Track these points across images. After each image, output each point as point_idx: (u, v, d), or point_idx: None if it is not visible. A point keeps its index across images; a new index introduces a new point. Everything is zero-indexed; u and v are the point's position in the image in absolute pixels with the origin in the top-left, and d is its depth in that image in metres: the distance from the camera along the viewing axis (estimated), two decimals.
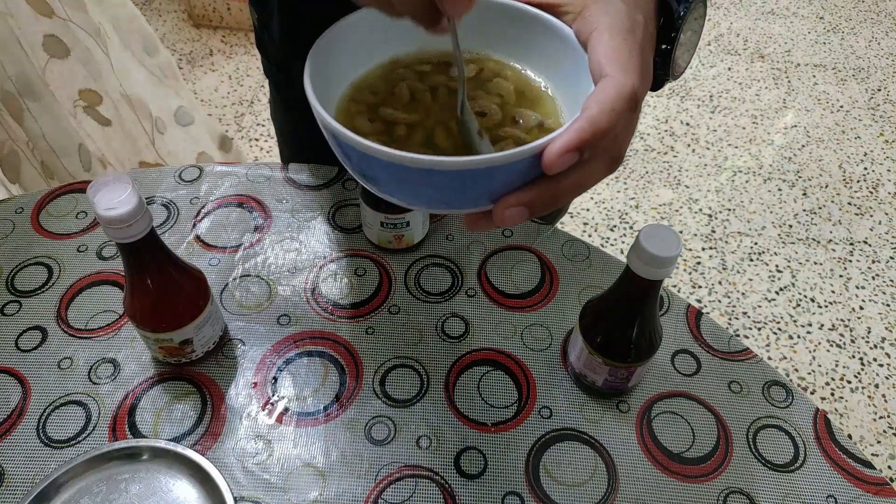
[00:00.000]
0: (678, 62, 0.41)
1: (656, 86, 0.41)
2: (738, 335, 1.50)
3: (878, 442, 1.35)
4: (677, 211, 1.78)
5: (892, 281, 1.63)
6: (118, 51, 1.24)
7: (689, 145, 1.97)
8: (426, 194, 0.33)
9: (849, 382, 1.44)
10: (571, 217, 1.74)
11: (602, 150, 0.32)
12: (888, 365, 1.47)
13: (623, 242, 1.69)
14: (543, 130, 0.39)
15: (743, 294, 1.59)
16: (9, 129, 1.12)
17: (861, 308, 1.57)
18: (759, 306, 1.56)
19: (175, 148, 1.41)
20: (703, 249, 1.69)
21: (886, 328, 1.53)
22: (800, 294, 1.59)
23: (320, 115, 0.33)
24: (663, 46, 0.40)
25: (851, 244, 1.71)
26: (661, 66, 0.40)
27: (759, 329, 1.52)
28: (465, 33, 0.40)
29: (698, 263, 1.65)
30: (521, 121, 0.39)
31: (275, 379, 0.59)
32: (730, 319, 1.54)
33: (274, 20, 0.69)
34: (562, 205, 0.33)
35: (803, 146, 1.98)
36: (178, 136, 1.42)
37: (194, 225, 0.70)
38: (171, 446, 0.53)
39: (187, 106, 1.42)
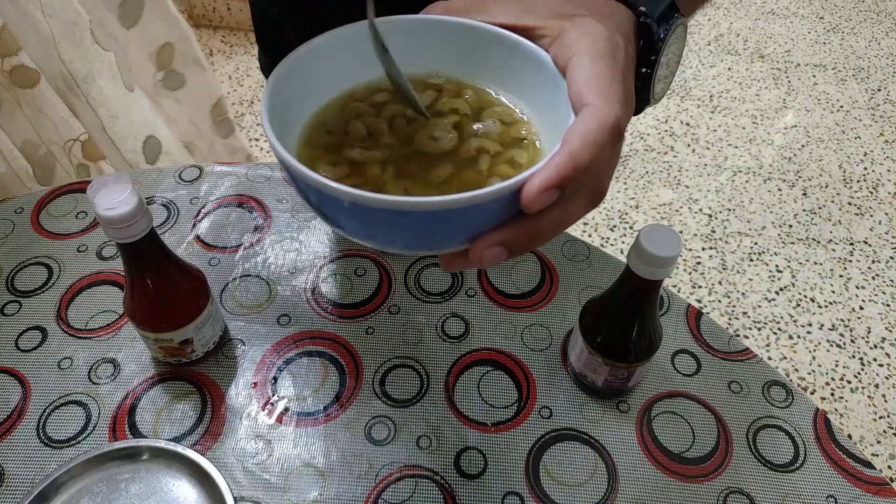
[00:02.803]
0: (658, 86, 0.39)
1: (636, 110, 0.39)
2: (738, 335, 1.50)
3: (878, 442, 1.35)
4: (677, 211, 1.78)
5: (892, 281, 1.63)
6: None
7: (689, 145, 1.97)
8: (401, 237, 0.31)
9: (849, 382, 1.44)
10: None
11: (584, 186, 0.31)
12: (888, 365, 1.47)
13: (623, 242, 1.69)
14: (509, 127, 0.37)
15: (743, 294, 1.59)
16: (47, 129, 1.12)
17: (861, 308, 1.57)
18: (759, 306, 1.56)
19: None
20: (703, 249, 1.69)
21: (886, 328, 1.53)
22: (800, 294, 1.59)
23: (280, 154, 0.30)
24: (643, 70, 0.37)
25: (851, 244, 1.71)
26: (641, 91, 0.38)
27: (759, 329, 1.52)
28: (439, 59, 0.38)
29: (698, 263, 1.65)
30: (478, 127, 0.36)
31: (275, 379, 0.59)
32: (730, 319, 1.54)
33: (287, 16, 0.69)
34: (542, 244, 0.32)
35: (803, 146, 1.98)
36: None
37: (194, 225, 0.70)
38: (171, 446, 0.53)
39: None
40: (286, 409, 0.57)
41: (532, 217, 0.30)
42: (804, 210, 1.79)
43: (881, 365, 1.47)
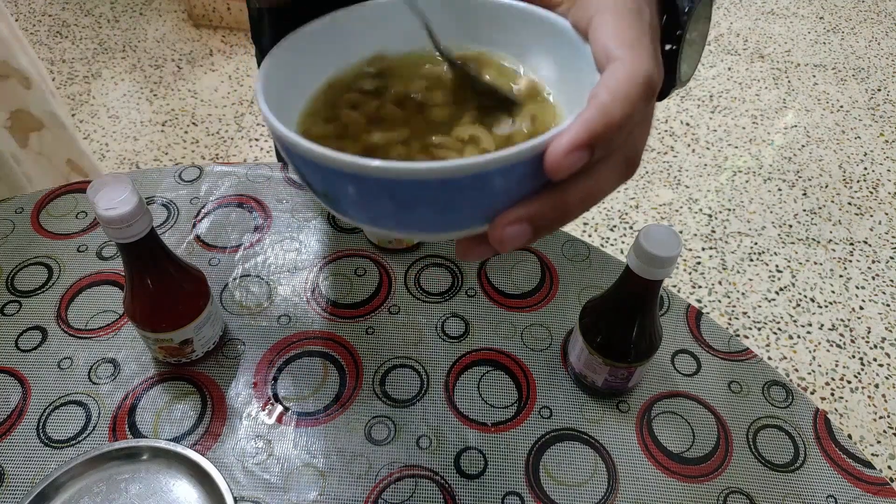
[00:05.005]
0: (685, 66, 0.36)
1: (662, 93, 0.35)
2: (738, 335, 1.50)
3: (878, 442, 1.35)
4: (677, 211, 1.78)
5: (892, 281, 1.63)
6: None
7: (689, 145, 1.97)
8: (407, 215, 0.27)
9: (849, 382, 1.44)
10: None
11: (617, 149, 0.27)
12: (888, 365, 1.47)
13: (623, 242, 1.69)
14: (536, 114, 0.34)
15: (743, 294, 1.59)
16: None
17: (861, 308, 1.57)
18: (759, 306, 1.56)
19: None
20: (703, 249, 1.69)
21: (886, 328, 1.53)
22: (800, 294, 1.59)
23: (273, 126, 0.27)
24: (669, 47, 0.34)
25: (851, 244, 1.71)
26: (666, 70, 0.34)
27: (759, 329, 1.52)
28: (451, 36, 0.37)
29: (698, 263, 1.65)
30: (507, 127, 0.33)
31: (275, 379, 0.59)
32: (730, 319, 1.54)
33: (265, 17, 0.69)
34: (571, 220, 0.28)
35: (803, 146, 1.98)
36: None
37: (194, 225, 0.70)
38: (171, 446, 0.53)
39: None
40: (286, 409, 0.57)
41: (559, 188, 0.26)
42: (804, 210, 1.79)
43: (881, 365, 1.47)
